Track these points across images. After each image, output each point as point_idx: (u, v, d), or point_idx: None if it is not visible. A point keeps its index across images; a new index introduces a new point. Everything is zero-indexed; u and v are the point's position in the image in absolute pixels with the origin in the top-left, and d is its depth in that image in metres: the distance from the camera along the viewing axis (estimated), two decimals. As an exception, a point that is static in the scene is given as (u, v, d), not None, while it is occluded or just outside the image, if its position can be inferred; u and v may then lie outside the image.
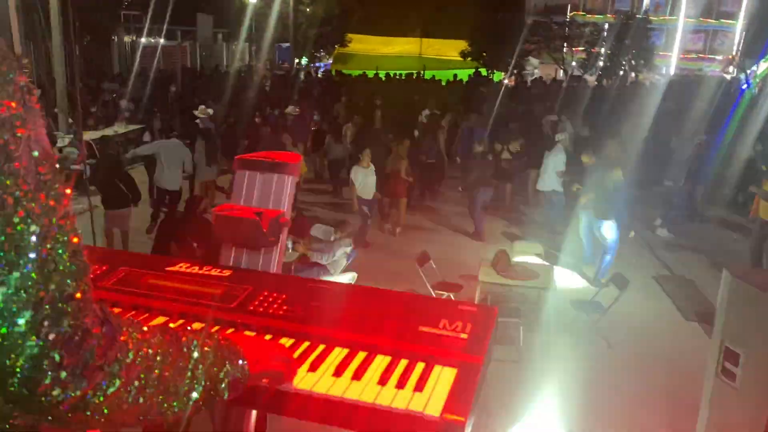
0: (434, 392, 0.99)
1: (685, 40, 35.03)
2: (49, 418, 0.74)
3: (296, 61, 30.49)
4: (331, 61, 34.30)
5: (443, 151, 12.63)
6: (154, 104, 16.20)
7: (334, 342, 1.14)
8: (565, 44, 31.04)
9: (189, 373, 0.89)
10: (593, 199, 7.93)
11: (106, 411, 0.77)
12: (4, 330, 0.67)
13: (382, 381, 1.03)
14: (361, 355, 1.10)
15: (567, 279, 7.90)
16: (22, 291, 0.68)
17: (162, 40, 28.92)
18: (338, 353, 1.11)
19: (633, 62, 29.65)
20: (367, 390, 1.00)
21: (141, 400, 0.81)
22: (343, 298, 1.27)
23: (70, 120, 13.35)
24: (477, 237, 9.54)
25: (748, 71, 27.38)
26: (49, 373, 0.70)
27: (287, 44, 31.70)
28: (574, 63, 30.93)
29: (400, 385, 1.01)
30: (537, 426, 5.00)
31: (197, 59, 29.90)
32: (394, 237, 9.60)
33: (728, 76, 27.98)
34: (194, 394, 0.90)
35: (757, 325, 3.26)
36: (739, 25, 33.87)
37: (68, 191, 0.75)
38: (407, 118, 14.50)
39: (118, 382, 0.77)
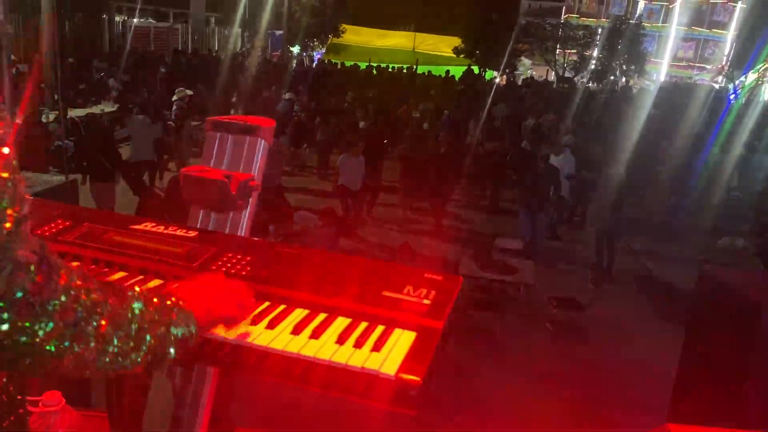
0: (392, 353, 0.98)
1: (676, 47, 35.30)
2: None
3: (288, 48, 30.32)
4: (323, 51, 34.13)
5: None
6: (143, 85, 16.06)
7: (294, 303, 1.13)
8: (557, 46, 31.14)
9: (132, 331, 0.85)
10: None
11: (37, 354, 0.75)
12: None
13: (341, 340, 1.02)
14: (321, 316, 1.09)
15: (546, 275, 7.94)
16: None
17: (154, 21, 28.63)
18: (298, 314, 1.10)
19: (624, 67, 29.84)
20: (324, 348, 0.99)
21: (76, 349, 0.78)
22: (309, 262, 1.26)
23: (56, 96, 13.19)
24: (437, 230, 9.50)
25: (737, 82, 27.67)
26: None
27: (280, 32, 31.50)
28: (565, 65, 31.05)
29: (358, 344, 1.00)
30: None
31: (189, 42, 29.61)
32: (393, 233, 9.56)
33: (717, 86, 28.24)
34: (135, 355, 0.87)
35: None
36: (729, 36, 34.18)
37: (6, 121, 0.72)
38: (396, 112, 14.58)
39: (51, 325, 0.74)
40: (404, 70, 25.62)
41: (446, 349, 1.11)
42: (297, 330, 1.04)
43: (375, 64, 26.00)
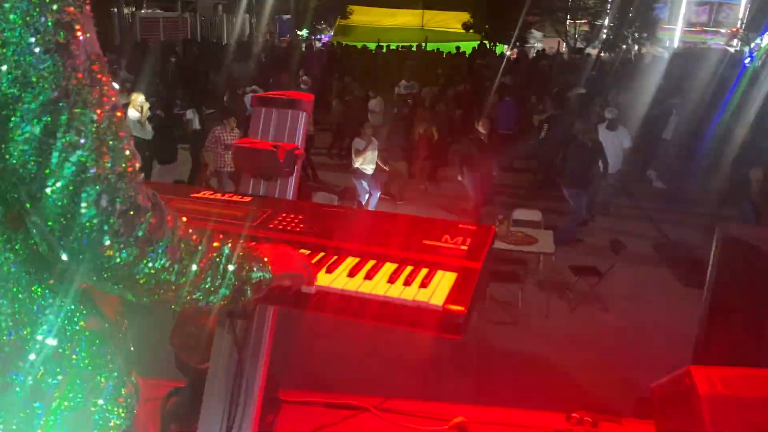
0: (438, 288, 1.12)
1: (689, 12, 34.69)
2: (106, 276, 0.87)
3: (296, 32, 30.29)
4: (332, 33, 34.04)
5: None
6: (155, 75, 16.19)
7: (346, 252, 1.27)
8: (568, 16, 30.76)
9: (220, 270, 1.01)
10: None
11: (153, 282, 0.91)
12: (72, 205, 0.80)
13: (391, 280, 1.16)
14: (371, 262, 1.23)
15: (565, 245, 8.04)
16: (84, 167, 0.81)
17: (162, 12, 28.72)
18: (351, 261, 1.25)
19: (636, 35, 29.43)
20: (378, 286, 1.14)
21: (182, 280, 0.94)
22: (355, 218, 1.40)
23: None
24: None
25: (752, 45, 27.20)
26: (107, 237, 0.83)
27: (287, 16, 31.45)
28: (576, 36, 30.69)
29: (407, 282, 1.15)
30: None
31: (197, 30, 29.68)
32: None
33: (732, 49, 27.79)
34: (223, 290, 1.03)
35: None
36: (744, -2, 33.50)
37: (115, 88, 0.88)
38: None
39: (163, 258, 0.90)
40: (413, 49, 25.47)
41: (482, 291, 1.24)
42: (352, 273, 1.19)
43: (384, 44, 25.92)
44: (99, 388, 0.99)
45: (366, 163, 8.99)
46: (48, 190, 0.79)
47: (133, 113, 9.26)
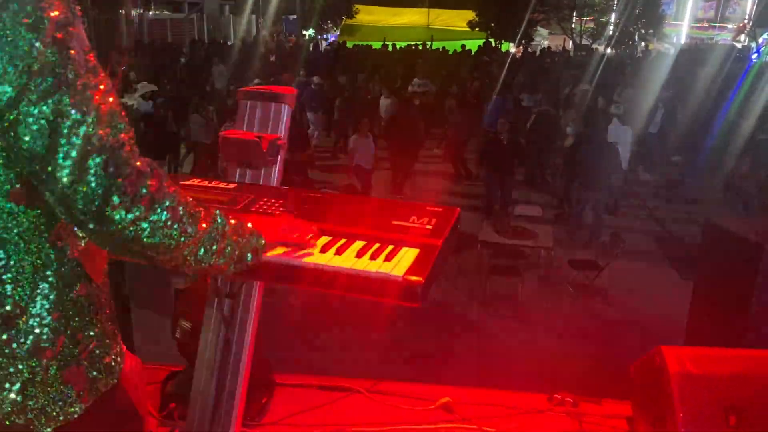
0: (400, 262, 1.24)
1: (696, 8, 34.54)
2: (117, 235, 1.00)
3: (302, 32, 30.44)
4: (338, 33, 34.13)
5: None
6: (163, 76, 16.36)
7: (320, 232, 1.38)
8: (574, 13, 30.73)
9: (218, 233, 1.16)
10: None
11: (157, 238, 1.04)
12: (82, 173, 0.94)
13: (359, 255, 1.28)
14: (342, 240, 1.35)
15: (565, 239, 8.11)
16: (89, 139, 0.95)
17: (169, 13, 28.95)
18: (324, 239, 1.36)
19: (643, 31, 29.35)
20: (346, 260, 1.25)
21: (183, 239, 1.07)
22: (331, 202, 1.51)
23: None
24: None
25: (760, 40, 27.07)
26: (117, 197, 0.97)
27: (294, 16, 31.61)
28: (582, 33, 30.66)
29: (373, 257, 1.26)
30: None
31: (204, 32, 29.90)
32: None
33: (739, 45, 27.65)
34: (223, 254, 1.17)
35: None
36: (752, -8, 33.28)
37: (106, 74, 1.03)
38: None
39: (165, 216, 1.04)
40: (418, 48, 25.51)
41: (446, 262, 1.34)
42: (324, 249, 1.31)
43: (390, 43, 26.00)
44: (89, 347, 1.11)
45: (363, 159, 9.11)
46: (60, 163, 0.93)
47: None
